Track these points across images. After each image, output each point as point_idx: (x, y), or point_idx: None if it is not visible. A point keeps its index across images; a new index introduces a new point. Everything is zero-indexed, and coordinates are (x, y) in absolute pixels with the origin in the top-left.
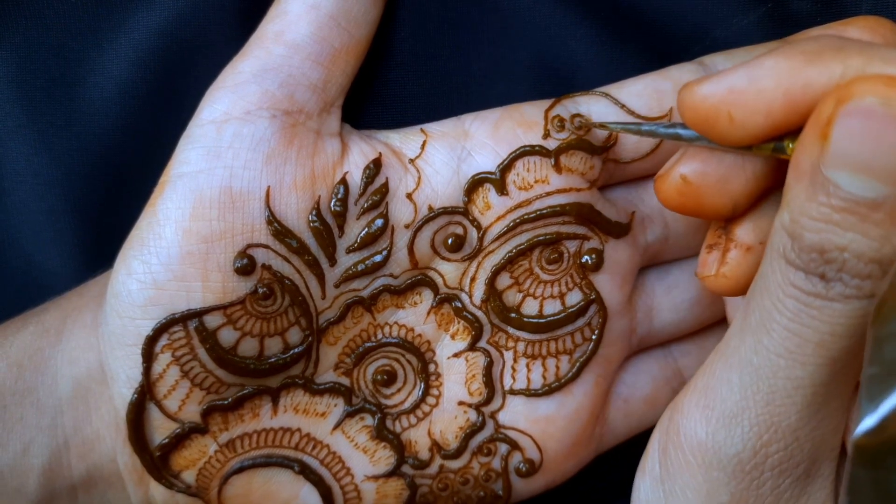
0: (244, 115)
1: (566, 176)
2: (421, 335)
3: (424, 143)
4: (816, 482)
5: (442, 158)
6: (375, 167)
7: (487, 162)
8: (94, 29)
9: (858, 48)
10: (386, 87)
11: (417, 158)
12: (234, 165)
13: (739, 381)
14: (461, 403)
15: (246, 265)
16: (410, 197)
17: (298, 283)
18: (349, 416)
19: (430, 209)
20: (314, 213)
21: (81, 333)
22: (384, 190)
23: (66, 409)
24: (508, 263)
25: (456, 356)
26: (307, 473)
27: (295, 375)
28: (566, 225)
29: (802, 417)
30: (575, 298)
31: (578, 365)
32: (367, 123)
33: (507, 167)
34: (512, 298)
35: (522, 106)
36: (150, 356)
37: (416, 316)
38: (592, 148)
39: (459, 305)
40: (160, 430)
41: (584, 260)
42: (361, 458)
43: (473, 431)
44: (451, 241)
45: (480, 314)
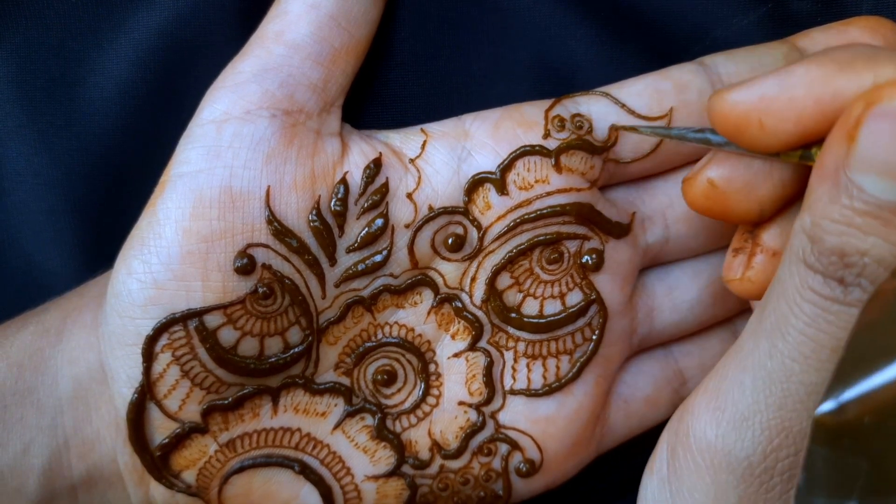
0: (244, 114)
1: (566, 176)
2: (421, 335)
3: (425, 142)
4: None
5: (442, 158)
6: (376, 167)
7: (488, 162)
8: (94, 29)
9: (889, 57)
10: (386, 86)
11: (418, 158)
12: (234, 165)
13: (752, 384)
14: (461, 403)
15: (246, 265)
16: (411, 197)
17: (298, 282)
18: (349, 415)
19: (430, 209)
20: (314, 212)
21: (81, 333)
22: (384, 190)
23: (66, 408)
24: (509, 263)
25: (456, 356)
26: (307, 473)
27: (295, 375)
28: (566, 225)
29: None
30: (575, 298)
31: (579, 365)
32: (367, 123)
33: (507, 167)
34: (512, 298)
35: (522, 106)
36: (150, 356)
37: (416, 316)
38: (593, 148)
39: (460, 305)
40: (160, 429)
41: (584, 260)
42: (362, 457)
43: (474, 431)
44: (451, 240)
45: (481, 314)
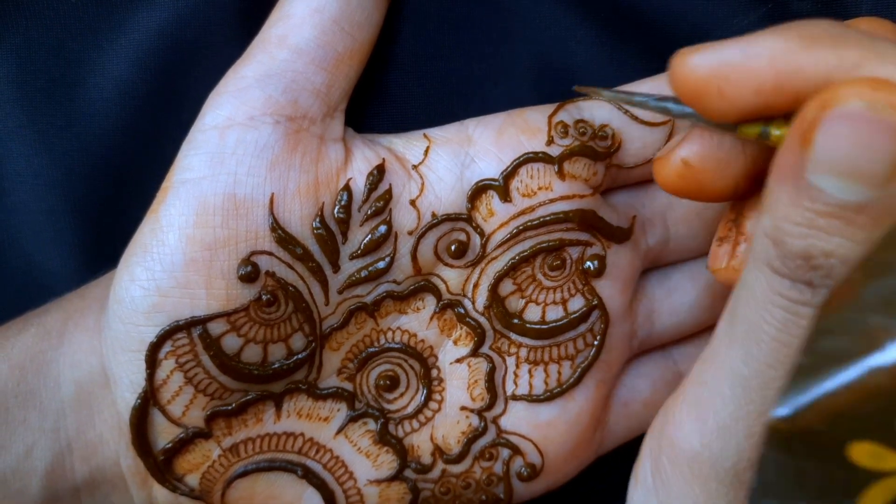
0: (248, 120)
1: (570, 182)
2: (423, 341)
3: (428, 149)
4: None
5: (445, 165)
6: (379, 173)
7: (491, 168)
8: (94, 29)
9: (857, 41)
10: (386, 87)
11: (421, 164)
12: (237, 172)
13: (731, 392)
14: (463, 408)
15: (250, 272)
16: (414, 203)
17: (302, 289)
18: (352, 420)
19: (433, 216)
20: (318, 219)
21: (83, 337)
22: (388, 196)
23: (68, 412)
24: (511, 270)
25: (458, 361)
26: (310, 477)
27: (298, 381)
28: (569, 231)
29: None
30: (577, 304)
31: (580, 370)
32: (367, 124)
33: (510, 174)
34: (514, 304)
35: (525, 111)
36: (153, 362)
37: (418, 321)
38: (596, 154)
39: (462, 311)
40: (163, 434)
41: (586, 266)
42: (364, 462)
43: (475, 436)
44: (454, 247)
45: (483, 320)
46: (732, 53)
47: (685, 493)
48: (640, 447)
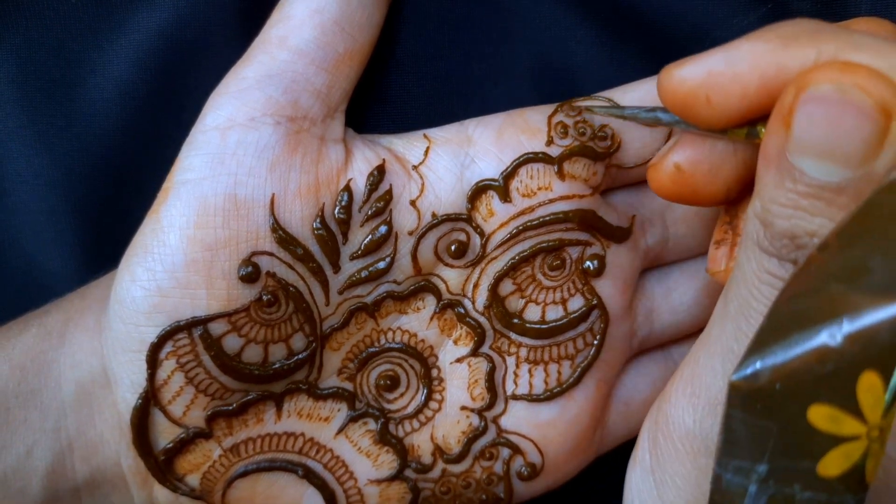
0: (248, 121)
1: (569, 183)
2: (424, 340)
3: (428, 149)
4: None
5: (445, 165)
6: (379, 174)
7: (491, 169)
8: (94, 29)
9: (833, 33)
10: (386, 88)
11: (421, 165)
12: (238, 172)
13: (722, 367)
14: (464, 408)
15: (250, 273)
16: (414, 204)
17: (303, 290)
18: (352, 420)
19: (433, 216)
20: (318, 220)
21: (84, 337)
22: (388, 197)
23: (69, 412)
24: (511, 270)
25: (458, 361)
26: (311, 477)
27: (299, 381)
28: (569, 231)
29: None
30: (577, 304)
31: (580, 370)
32: (367, 124)
33: (510, 174)
34: (514, 304)
35: (526, 111)
36: (154, 363)
37: (419, 321)
38: (596, 154)
39: (462, 311)
40: (164, 434)
41: (586, 266)
42: (364, 462)
43: (476, 436)
44: (454, 247)
45: (483, 320)
46: (716, 62)
47: (679, 470)
48: None
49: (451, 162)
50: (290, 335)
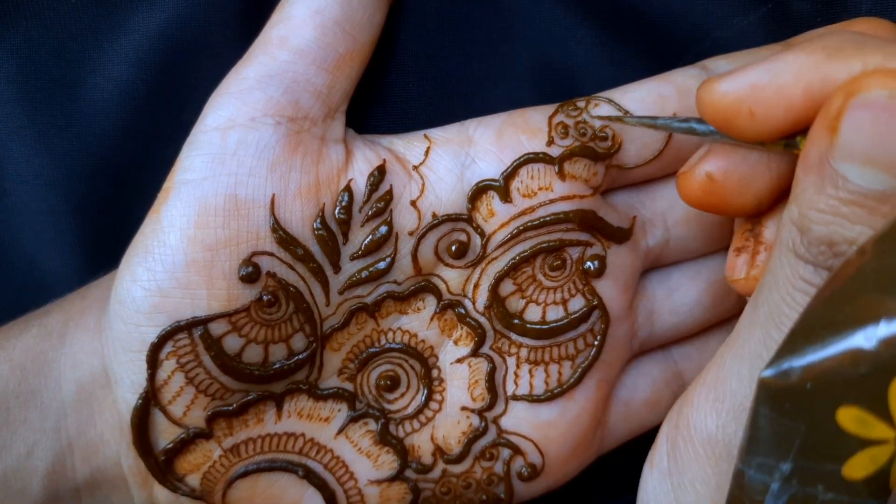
0: (249, 121)
1: (570, 183)
2: (424, 341)
3: (428, 149)
4: None
5: (446, 165)
6: (380, 174)
7: (491, 169)
8: (94, 29)
9: (877, 45)
10: (386, 88)
11: (421, 165)
12: (238, 173)
13: (749, 373)
14: (464, 409)
15: (251, 273)
16: (414, 204)
17: (303, 290)
18: (353, 420)
19: (433, 216)
20: (319, 220)
21: (84, 337)
22: (388, 197)
23: (69, 412)
24: (512, 270)
25: (459, 362)
26: (311, 478)
27: (299, 381)
28: (569, 232)
29: None
30: (577, 304)
31: (581, 370)
32: (367, 125)
33: (510, 174)
34: (515, 305)
35: (526, 111)
36: (154, 363)
37: (419, 322)
38: (596, 155)
39: (463, 311)
40: (164, 434)
41: (586, 266)
42: (365, 462)
43: (476, 436)
44: (454, 247)
45: (483, 320)
46: (759, 75)
47: (698, 474)
48: (640, 446)
49: (451, 162)
50: (290, 335)
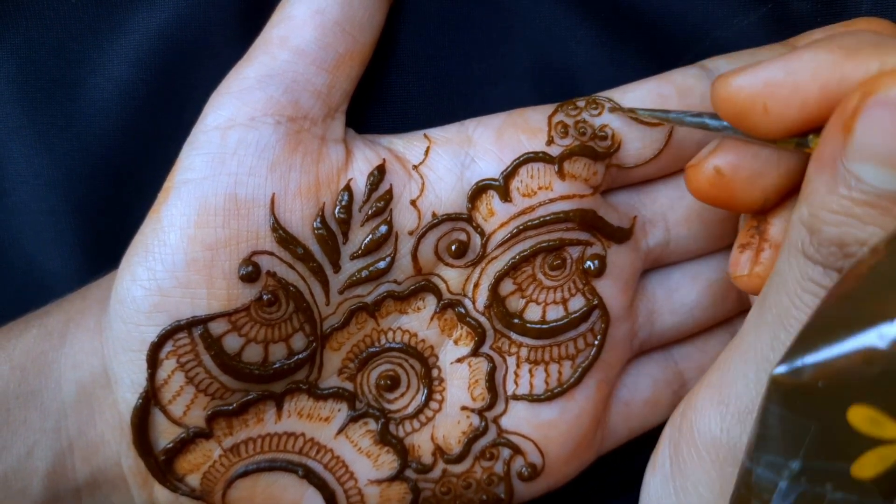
0: (249, 121)
1: (570, 182)
2: (424, 340)
3: (428, 149)
4: None
5: (445, 165)
6: (379, 174)
7: (491, 168)
8: (94, 29)
9: (895, 45)
10: (386, 88)
11: (421, 165)
12: (238, 172)
13: (755, 376)
14: (464, 408)
15: (251, 272)
16: (414, 203)
17: (303, 289)
18: (353, 420)
19: (433, 216)
20: (318, 220)
21: (85, 337)
22: (388, 197)
23: (69, 412)
24: (512, 270)
25: (459, 361)
26: (311, 477)
27: (299, 381)
28: (569, 231)
29: None
30: (577, 304)
31: (581, 370)
32: (367, 125)
33: (510, 174)
34: (515, 304)
35: (526, 111)
36: (154, 362)
37: (419, 321)
38: (596, 154)
39: (463, 311)
40: (165, 434)
41: (586, 266)
42: (365, 462)
43: (476, 436)
44: (454, 247)
45: (483, 320)
46: (775, 72)
47: (702, 478)
48: (640, 446)
49: (451, 162)
50: (290, 335)
